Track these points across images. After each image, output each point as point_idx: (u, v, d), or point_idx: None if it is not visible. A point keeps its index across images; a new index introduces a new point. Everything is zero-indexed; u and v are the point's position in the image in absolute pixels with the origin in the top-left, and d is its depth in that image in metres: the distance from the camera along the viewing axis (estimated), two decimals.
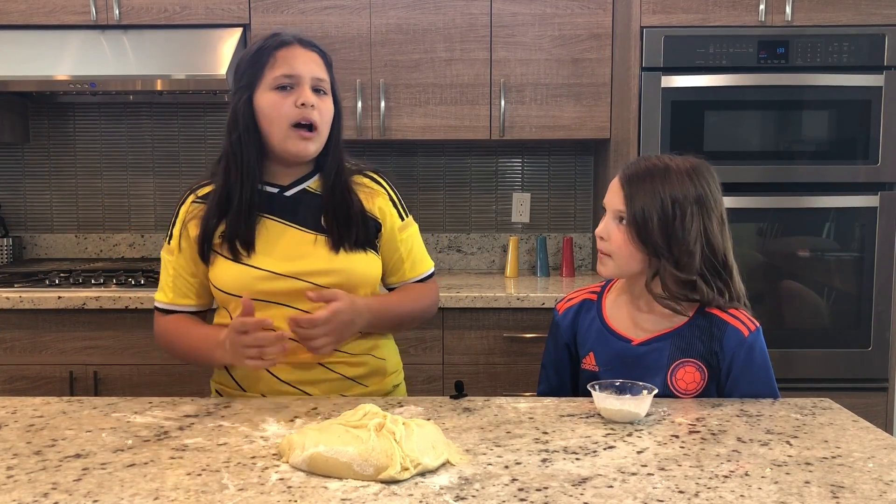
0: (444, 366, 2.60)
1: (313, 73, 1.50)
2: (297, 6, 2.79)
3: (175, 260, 1.57)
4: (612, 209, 1.52)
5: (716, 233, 1.49)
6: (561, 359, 1.65)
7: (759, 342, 1.50)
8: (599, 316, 1.59)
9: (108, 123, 3.21)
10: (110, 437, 1.24)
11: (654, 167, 1.50)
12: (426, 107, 2.83)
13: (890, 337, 2.62)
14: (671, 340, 1.50)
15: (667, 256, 1.46)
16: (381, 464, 1.06)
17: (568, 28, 2.82)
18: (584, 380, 1.57)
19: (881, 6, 2.55)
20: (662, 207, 1.46)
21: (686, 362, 1.49)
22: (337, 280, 1.51)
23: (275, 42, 1.51)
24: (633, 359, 1.51)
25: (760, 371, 1.49)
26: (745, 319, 1.50)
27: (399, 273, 1.65)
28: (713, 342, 1.48)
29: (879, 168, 2.59)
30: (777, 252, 2.64)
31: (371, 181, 1.62)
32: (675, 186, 1.47)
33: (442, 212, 3.24)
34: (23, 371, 2.55)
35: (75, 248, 3.24)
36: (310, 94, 1.49)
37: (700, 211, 1.47)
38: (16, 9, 2.77)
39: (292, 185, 1.56)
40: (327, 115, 1.52)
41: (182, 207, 1.58)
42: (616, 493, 1.03)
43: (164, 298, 1.59)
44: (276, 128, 1.49)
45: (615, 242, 1.50)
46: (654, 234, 1.46)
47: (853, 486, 1.06)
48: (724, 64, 2.57)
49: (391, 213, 1.61)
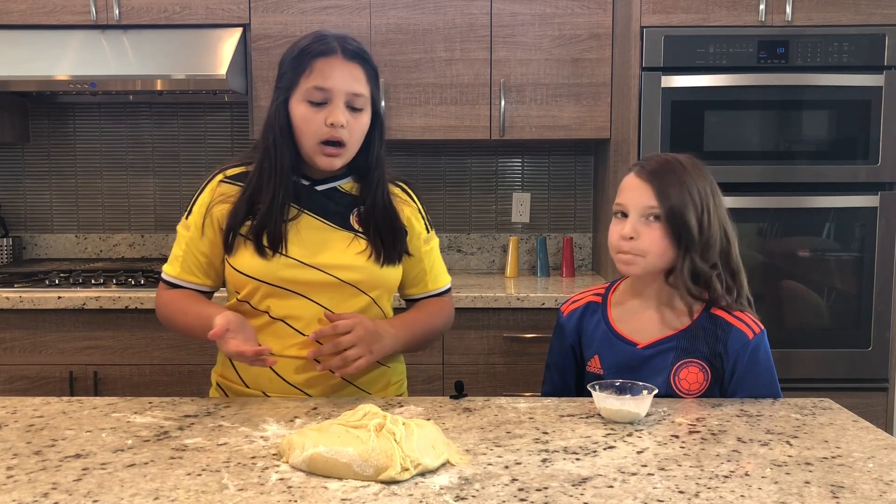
0: (444, 366, 2.60)
1: (349, 89, 1.46)
2: (297, 6, 2.79)
3: (190, 236, 1.55)
4: (639, 206, 1.48)
5: (729, 224, 1.51)
6: (566, 361, 1.64)
7: (764, 345, 1.50)
8: (605, 319, 1.58)
9: (108, 123, 3.21)
10: (110, 437, 1.24)
11: (670, 163, 1.50)
12: (426, 107, 2.83)
13: (890, 337, 2.62)
14: (676, 342, 1.50)
15: (696, 249, 1.46)
16: (381, 464, 1.06)
17: (568, 28, 2.81)
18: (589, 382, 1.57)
19: (881, 6, 2.55)
20: (692, 200, 1.46)
21: (690, 362, 1.49)
22: (359, 277, 1.52)
23: (317, 48, 1.47)
24: (638, 362, 1.51)
25: (764, 374, 1.49)
26: (749, 322, 1.50)
27: (421, 285, 1.66)
28: (717, 344, 1.48)
29: (879, 168, 2.59)
30: (777, 252, 2.64)
31: (401, 191, 1.63)
32: (696, 180, 1.48)
33: (442, 212, 3.23)
34: (23, 371, 2.55)
35: (75, 248, 3.24)
36: (340, 113, 1.46)
37: (716, 202, 1.49)
38: (16, 9, 2.77)
39: (324, 181, 1.57)
40: (358, 132, 1.50)
41: (209, 185, 1.56)
42: (616, 494, 1.03)
43: (172, 272, 1.58)
44: (305, 140, 1.49)
45: (648, 240, 1.47)
46: (691, 227, 1.45)
47: (853, 486, 1.06)
48: (724, 64, 2.57)
49: (418, 225, 1.62)
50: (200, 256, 1.56)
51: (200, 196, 1.57)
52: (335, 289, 1.51)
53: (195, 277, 1.57)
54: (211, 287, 1.60)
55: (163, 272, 1.60)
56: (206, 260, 1.56)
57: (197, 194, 1.58)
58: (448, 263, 3.23)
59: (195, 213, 1.56)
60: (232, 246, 1.51)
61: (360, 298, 1.54)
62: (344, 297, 1.52)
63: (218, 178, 1.57)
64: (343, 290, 1.52)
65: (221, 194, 1.55)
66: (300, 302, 1.50)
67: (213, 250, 1.55)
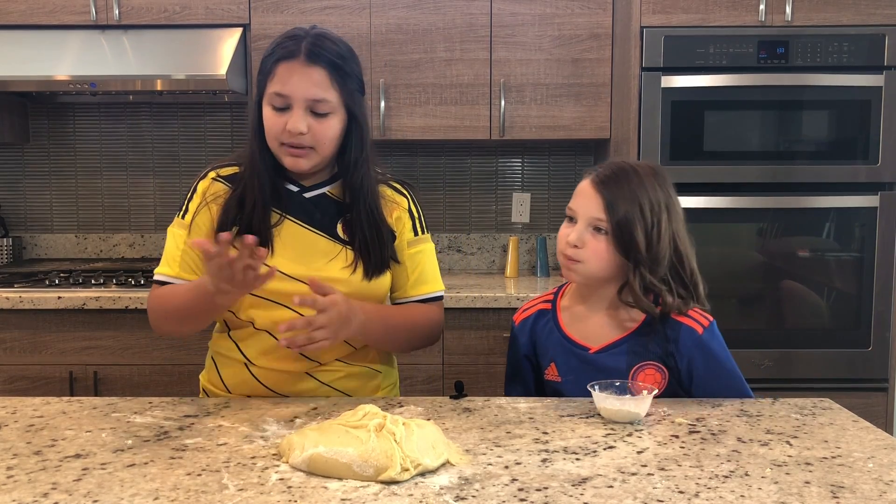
0: (444, 366, 2.60)
1: (308, 95, 1.42)
2: (297, 6, 2.80)
3: (188, 235, 1.52)
4: (587, 216, 1.46)
5: (683, 237, 1.48)
6: (524, 371, 1.62)
7: (715, 336, 1.48)
8: (556, 325, 1.56)
9: (108, 123, 3.21)
10: (110, 437, 1.24)
11: (624, 171, 1.47)
12: (426, 107, 2.83)
13: (890, 337, 2.62)
14: (627, 345, 1.48)
15: (644, 264, 1.44)
16: (381, 464, 1.05)
17: (568, 28, 2.82)
18: (550, 391, 1.56)
19: (881, 6, 2.55)
20: (643, 214, 1.43)
21: (645, 365, 1.48)
22: (345, 291, 1.46)
23: (281, 51, 1.44)
24: (592, 367, 1.49)
25: (724, 363, 1.48)
26: (697, 317, 1.47)
27: (402, 289, 1.60)
28: (668, 343, 1.46)
29: (879, 168, 2.59)
30: (777, 252, 2.64)
31: (395, 192, 1.59)
32: (649, 191, 1.44)
33: (442, 212, 3.24)
34: (23, 371, 2.55)
35: (75, 248, 3.24)
36: (298, 120, 1.42)
37: (669, 217, 1.46)
38: (16, 9, 2.77)
39: (312, 187, 1.54)
40: (325, 136, 1.45)
41: (201, 183, 1.54)
42: (616, 494, 1.03)
43: (170, 272, 1.52)
44: (270, 143, 1.47)
45: (592, 251, 1.45)
46: (638, 242, 1.43)
47: (853, 486, 1.06)
48: (724, 64, 2.57)
49: (406, 226, 1.58)
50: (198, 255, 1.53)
51: (195, 195, 1.54)
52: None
53: (194, 275, 1.52)
54: None
55: (156, 274, 1.54)
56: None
57: (190, 193, 1.55)
58: (448, 263, 3.27)
59: (191, 213, 1.53)
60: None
61: None
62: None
63: (210, 175, 1.55)
64: None
65: (214, 193, 1.53)
66: (284, 312, 1.47)
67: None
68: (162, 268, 1.54)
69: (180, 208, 1.55)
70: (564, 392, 1.52)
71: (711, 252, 2.61)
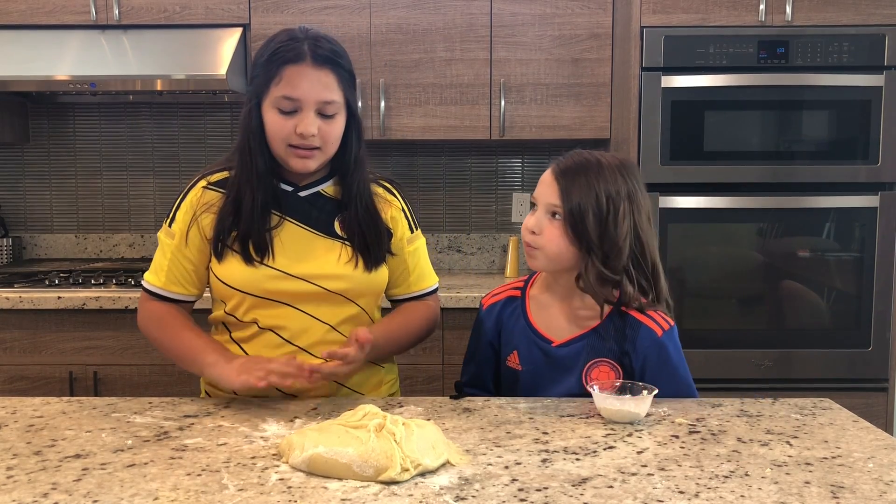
0: (444, 366, 2.60)
1: (319, 97, 1.44)
2: (297, 6, 2.79)
3: (175, 244, 1.52)
4: (545, 203, 1.50)
5: (646, 229, 1.49)
6: (485, 356, 1.63)
7: (673, 340, 1.49)
8: (524, 314, 1.57)
9: (108, 123, 3.21)
10: (110, 438, 1.24)
11: (586, 162, 1.49)
12: (426, 107, 2.83)
13: (890, 337, 2.62)
14: (587, 341, 1.50)
15: (597, 253, 1.45)
16: (381, 465, 1.05)
17: (568, 28, 2.81)
18: (507, 377, 1.58)
19: (881, 6, 2.55)
20: (598, 203, 1.44)
21: (599, 362, 1.49)
22: (346, 286, 1.51)
23: (286, 54, 1.43)
24: (553, 360, 1.51)
25: (677, 368, 1.49)
26: (659, 319, 1.48)
27: (404, 286, 1.64)
28: (626, 342, 1.47)
29: (879, 168, 2.59)
30: (777, 252, 2.64)
31: (385, 191, 1.61)
32: (608, 182, 1.46)
33: (442, 212, 3.23)
34: (23, 371, 2.55)
35: (75, 248, 3.24)
36: (310, 122, 1.43)
37: (631, 208, 1.46)
38: (16, 9, 2.77)
39: (307, 186, 1.55)
40: (332, 136, 1.47)
41: (191, 192, 1.54)
42: (616, 494, 1.03)
43: (157, 282, 1.54)
44: (276, 145, 1.47)
45: (547, 237, 1.47)
46: (589, 230, 1.44)
47: (853, 486, 1.06)
48: (724, 64, 2.57)
49: (402, 224, 1.60)
50: (187, 264, 1.53)
51: (183, 203, 1.54)
52: (322, 299, 1.51)
53: (181, 288, 1.54)
54: (195, 296, 1.58)
55: (145, 280, 1.56)
56: (193, 268, 1.54)
57: (179, 201, 1.55)
58: (448, 263, 3.27)
59: (179, 221, 1.52)
60: (221, 254, 1.50)
61: (348, 307, 1.54)
62: (332, 306, 1.52)
63: (200, 184, 1.54)
64: (331, 300, 1.51)
65: (206, 203, 1.52)
66: (287, 311, 1.50)
67: (199, 258, 1.53)
68: (150, 275, 1.56)
69: (168, 215, 1.56)
70: (521, 380, 1.54)
71: (711, 252, 2.61)
